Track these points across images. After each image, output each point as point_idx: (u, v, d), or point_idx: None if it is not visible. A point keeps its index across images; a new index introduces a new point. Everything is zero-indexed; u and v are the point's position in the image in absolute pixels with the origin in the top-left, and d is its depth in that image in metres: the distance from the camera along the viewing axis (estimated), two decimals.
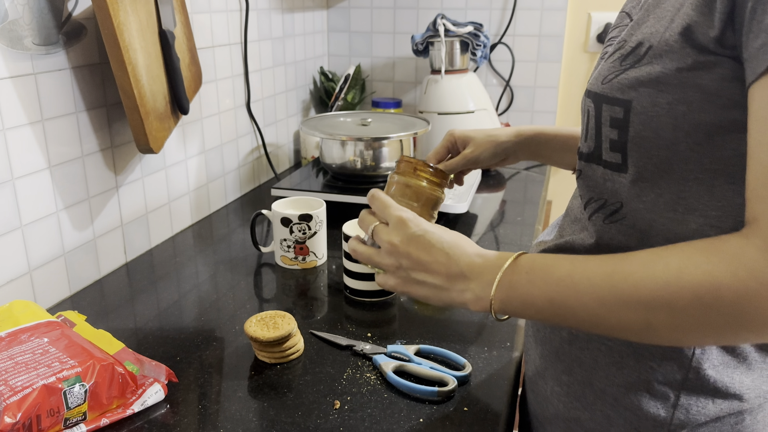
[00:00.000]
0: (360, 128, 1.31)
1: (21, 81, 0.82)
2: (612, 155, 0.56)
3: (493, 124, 1.58)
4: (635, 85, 0.52)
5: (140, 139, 0.95)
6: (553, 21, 1.70)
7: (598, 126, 0.57)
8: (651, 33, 0.53)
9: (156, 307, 0.92)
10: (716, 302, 0.45)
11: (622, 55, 0.55)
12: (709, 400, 0.57)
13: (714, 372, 0.56)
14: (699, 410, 0.57)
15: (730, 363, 0.56)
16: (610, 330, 0.51)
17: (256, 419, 0.68)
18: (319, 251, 1.06)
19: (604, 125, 0.56)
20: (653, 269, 0.48)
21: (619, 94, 0.54)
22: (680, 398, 0.57)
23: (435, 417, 0.69)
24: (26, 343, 0.68)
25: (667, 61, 0.50)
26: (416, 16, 1.80)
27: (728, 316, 0.45)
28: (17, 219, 0.85)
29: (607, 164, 0.57)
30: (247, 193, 1.46)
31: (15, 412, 0.59)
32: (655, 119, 0.52)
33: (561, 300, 0.52)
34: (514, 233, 1.21)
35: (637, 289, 0.48)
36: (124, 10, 0.88)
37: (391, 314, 0.91)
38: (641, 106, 0.52)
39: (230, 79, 1.34)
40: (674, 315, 0.47)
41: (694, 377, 0.56)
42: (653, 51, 0.52)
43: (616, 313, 0.49)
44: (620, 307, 0.49)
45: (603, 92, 0.55)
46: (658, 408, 0.58)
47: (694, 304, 0.45)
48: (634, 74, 0.53)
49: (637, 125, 0.53)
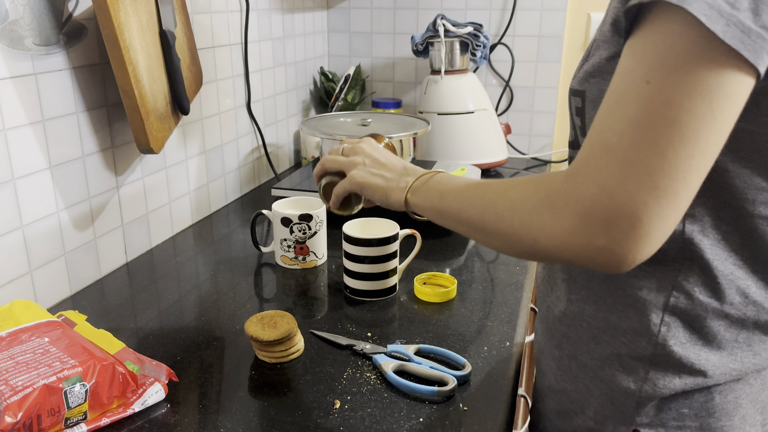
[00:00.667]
0: (360, 128, 1.31)
1: (21, 81, 0.83)
2: (582, 140, 0.63)
3: (493, 124, 1.58)
4: (587, 77, 0.60)
5: (141, 140, 0.95)
6: (553, 21, 1.71)
7: (571, 116, 0.65)
8: (598, 32, 0.61)
9: (156, 306, 0.93)
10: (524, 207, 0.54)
11: (585, 53, 0.64)
12: (676, 375, 0.60)
13: (680, 348, 0.60)
14: (665, 384, 0.61)
15: (697, 341, 0.60)
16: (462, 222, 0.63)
17: (257, 418, 0.68)
18: (320, 251, 1.06)
19: (572, 115, 0.64)
20: (499, 185, 0.59)
21: (578, 86, 0.62)
22: (649, 372, 0.61)
23: (435, 417, 0.69)
24: (27, 343, 0.68)
25: (603, 52, 0.57)
26: (416, 16, 1.80)
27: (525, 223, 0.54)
28: (18, 219, 0.85)
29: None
30: (248, 193, 1.46)
31: (16, 412, 0.59)
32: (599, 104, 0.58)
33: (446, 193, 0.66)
34: None
35: (483, 196, 0.60)
36: (124, 11, 0.88)
37: (391, 314, 0.91)
38: (591, 94, 0.60)
39: (230, 79, 1.34)
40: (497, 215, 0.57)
41: (661, 353, 0.60)
42: (595, 44, 0.60)
43: (467, 210, 0.61)
44: (468, 206, 0.61)
45: (571, 86, 0.64)
46: (628, 381, 0.62)
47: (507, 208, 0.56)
48: (586, 68, 0.61)
49: (589, 111, 0.60)
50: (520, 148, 1.82)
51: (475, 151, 1.55)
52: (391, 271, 0.94)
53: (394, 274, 0.95)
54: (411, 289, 0.98)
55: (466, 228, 0.62)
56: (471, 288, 0.98)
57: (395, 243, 0.94)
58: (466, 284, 1.00)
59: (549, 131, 1.79)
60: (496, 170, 1.64)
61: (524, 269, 1.05)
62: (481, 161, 1.55)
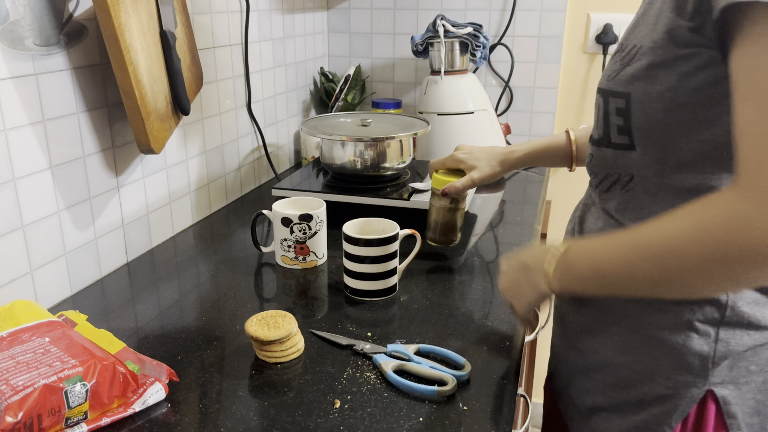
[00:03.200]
0: (360, 129, 1.31)
1: (22, 81, 0.83)
2: (620, 138, 0.68)
3: (492, 124, 1.59)
4: (631, 80, 0.65)
5: (141, 140, 0.95)
6: (553, 22, 1.71)
7: (606, 115, 0.69)
8: (641, 36, 0.65)
9: (157, 306, 0.93)
10: (712, 247, 0.53)
11: (622, 57, 0.68)
12: (744, 332, 0.65)
13: (748, 308, 0.65)
14: (737, 342, 0.66)
15: (760, 300, 0.65)
16: (636, 285, 0.60)
17: (257, 418, 0.69)
18: (320, 251, 1.06)
19: (611, 114, 0.68)
20: (662, 227, 0.57)
21: (620, 88, 0.66)
22: (719, 333, 0.66)
23: (435, 416, 0.69)
24: (27, 343, 0.68)
25: (653, 57, 0.62)
26: (416, 17, 1.80)
27: (724, 260, 0.52)
28: (18, 219, 0.85)
29: (616, 146, 0.69)
30: (248, 193, 1.46)
31: (16, 412, 0.59)
32: (649, 105, 0.64)
33: (597, 265, 0.63)
34: (513, 233, 1.21)
35: (650, 244, 0.57)
36: (125, 11, 0.89)
37: (391, 314, 0.91)
38: (637, 96, 0.64)
39: (231, 79, 1.34)
40: (682, 262, 0.55)
41: (731, 314, 0.65)
42: (642, 50, 0.64)
43: (638, 267, 0.58)
44: (640, 261, 0.58)
45: (608, 87, 0.68)
46: (701, 344, 0.66)
47: (695, 251, 0.54)
48: (629, 71, 0.65)
49: (636, 113, 0.65)
50: None
51: None
52: (391, 271, 0.95)
53: (394, 274, 0.95)
54: (411, 289, 0.98)
55: (640, 286, 0.60)
56: (471, 288, 0.99)
57: (395, 243, 0.94)
58: (466, 284, 1.00)
59: (549, 131, 1.79)
60: None
61: None
62: None
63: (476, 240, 1.18)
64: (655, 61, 0.62)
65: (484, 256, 1.11)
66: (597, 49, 1.71)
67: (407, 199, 1.20)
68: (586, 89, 1.76)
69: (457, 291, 0.97)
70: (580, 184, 1.84)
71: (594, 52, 1.72)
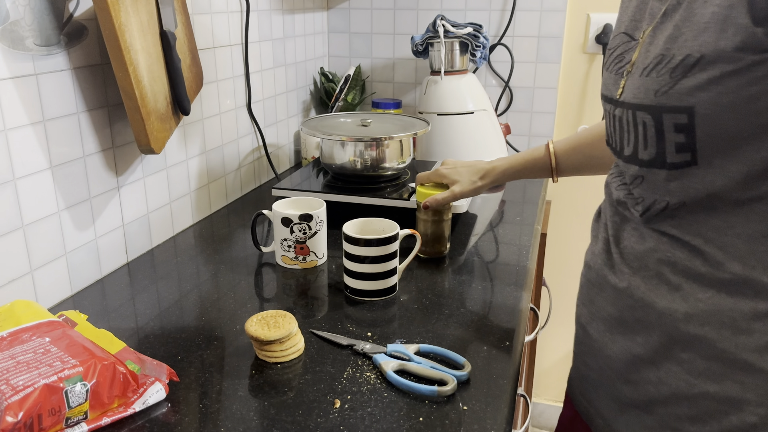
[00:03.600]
0: (360, 129, 1.31)
1: (22, 82, 0.83)
2: (679, 156, 0.62)
3: (492, 124, 1.59)
4: (693, 92, 0.59)
5: (141, 140, 0.95)
6: (552, 22, 1.71)
7: (660, 133, 0.63)
8: (699, 44, 0.59)
9: (157, 306, 0.93)
10: None
11: (671, 69, 0.61)
12: None
13: None
14: None
15: None
16: None
17: (257, 418, 0.69)
18: (320, 251, 1.06)
19: (667, 132, 0.62)
20: None
21: (679, 102, 0.60)
22: None
23: (435, 416, 0.69)
24: (28, 343, 0.68)
25: (723, 66, 0.57)
26: (416, 17, 1.80)
27: None
28: (19, 219, 0.85)
29: (673, 165, 0.63)
30: (248, 193, 1.46)
31: (16, 412, 0.59)
32: (719, 117, 0.58)
33: None
34: (513, 233, 1.21)
35: None
36: (125, 11, 0.89)
37: (391, 314, 0.91)
38: (704, 109, 0.58)
39: (231, 79, 1.34)
40: None
41: None
42: (705, 59, 0.58)
43: None
44: None
45: (660, 103, 0.61)
46: None
47: None
48: (689, 83, 0.59)
49: (702, 126, 0.59)
50: (520, 148, 1.82)
51: (474, 152, 1.55)
52: (391, 271, 0.95)
53: (394, 274, 0.96)
54: (411, 289, 0.98)
55: None
56: (471, 288, 0.99)
57: (395, 243, 0.94)
58: (466, 284, 1.00)
59: (548, 131, 1.80)
60: None
61: (523, 269, 1.06)
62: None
63: (476, 240, 1.18)
64: (726, 71, 0.57)
65: (484, 256, 1.11)
66: (597, 49, 1.71)
67: (407, 199, 1.20)
68: (586, 89, 1.76)
69: (457, 291, 0.98)
70: (580, 184, 1.85)
71: (594, 52, 1.73)
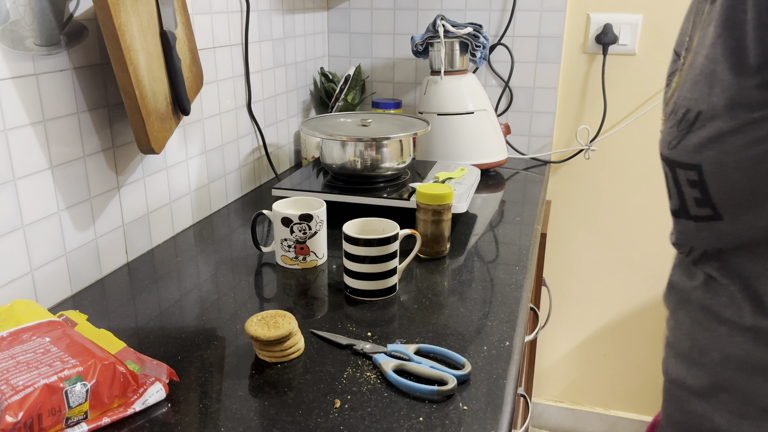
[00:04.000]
0: (360, 129, 1.31)
1: (22, 81, 0.83)
2: (700, 210, 0.59)
3: (492, 124, 1.59)
4: (699, 149, 0.56)
5: (141, 140, 0.95)
6: (552, 22, 1.71)
7: (678, 187, 0.60)
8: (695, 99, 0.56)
9: (157, 306, 0.93)
10: None
11: (677, 121, 0.58)
12: None
13: None
14: None
15: None
16: None
17: (257, 418, 0.69)
18: (320, 251, 1.06)
19: (683, 186, 0.59)
20: None
21: (687, 158, 0.57)
22: None
23: (435, 416, 0.69)
24: (28, 343, 0.68)
25: (721, 124, 0.53)
26: (416, 17, 1.80)
27: None
28: (19, 219, 0.85)
29: (698, 218, 0.60)
30: (248, 193, 1.46)
31: (16, 411, 0.59)
32: (728, 176, 0.55)
33: None
34: (513, 233, 1.21)
35: None
36: (125, 11, 0.89)
37: (391, 314, 0.91)
38: (710, 167, 0.55)
39: (231, 79, 1.34)
40: None
41: None
42: (704, 116, 0.55)
43: None
44: None
45: (672, 157, 0.59)
46: None
47: None
48: (693, 139, 0.56)
49: (713, 183, 0.56)
50: (520, 148, 1.82)
51: (474, 152, 1.55)
52: (391, 271, 0.95)
53: (394, 274, 0.96)
54: (411, 289, 0.98)
55: None
56: (471, 288, 0.99)
57: (395, 243, 0.94)
58: (466, 284, 1.00)
59: (548, 131, 1.80)
60: (495, 170, 1.65)
61: (524, 269, 1.06)
62: (481, 161, 1.56)
63: (476, 240, 1.18)
64: (725, 129, 0.53)
65: (484, 256, 1.11)
66: (597, 49, 1.71)
67: (407, 199, 1.21)
68: (586, 89, 1.76)
69: (457, 291, 0.98)
70: (580, 184, 1.85)
71: (594, 52, 1.73)
